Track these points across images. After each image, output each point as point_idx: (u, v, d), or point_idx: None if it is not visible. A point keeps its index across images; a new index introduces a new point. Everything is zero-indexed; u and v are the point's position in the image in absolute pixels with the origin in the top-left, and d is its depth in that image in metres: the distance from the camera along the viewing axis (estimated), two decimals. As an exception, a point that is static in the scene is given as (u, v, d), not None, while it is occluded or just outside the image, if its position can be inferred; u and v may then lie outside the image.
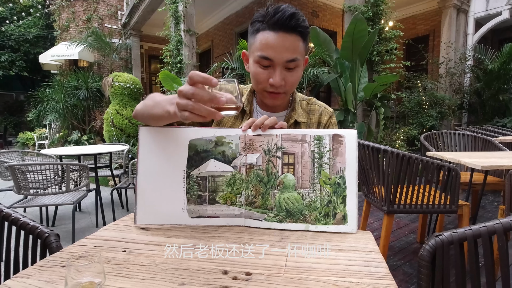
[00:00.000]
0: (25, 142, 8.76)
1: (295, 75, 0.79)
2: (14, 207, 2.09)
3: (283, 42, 0.74)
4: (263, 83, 0.79)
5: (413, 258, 1.99)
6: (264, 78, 0.78)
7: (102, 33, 8.05)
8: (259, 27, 0.76)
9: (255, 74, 0.80)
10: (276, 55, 0.75)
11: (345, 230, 0.67)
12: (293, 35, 0.74)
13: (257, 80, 0.80)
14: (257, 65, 0.78)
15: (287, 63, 0.76)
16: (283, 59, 0.75)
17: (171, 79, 4.33)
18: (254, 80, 0.82)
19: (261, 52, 0.75)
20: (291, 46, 0.74)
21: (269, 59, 0.75)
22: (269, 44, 0.74)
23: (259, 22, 0.76)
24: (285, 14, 0.72)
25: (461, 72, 5.93)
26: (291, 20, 0.72)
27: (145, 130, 0.73)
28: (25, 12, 14.25)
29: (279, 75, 0.76)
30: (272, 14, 0.73)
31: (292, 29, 0.73)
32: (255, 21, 0.77)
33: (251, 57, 0.80)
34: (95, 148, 3.43)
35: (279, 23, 0.72)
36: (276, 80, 0.76)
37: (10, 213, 0.77)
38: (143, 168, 0.73)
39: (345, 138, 0.70)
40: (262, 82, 0.79)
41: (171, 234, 0.66)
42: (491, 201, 3.28)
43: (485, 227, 0.63)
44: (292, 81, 0.79)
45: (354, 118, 3.94)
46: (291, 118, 0.88)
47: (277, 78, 0.76)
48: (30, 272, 0.49)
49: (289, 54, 0.75)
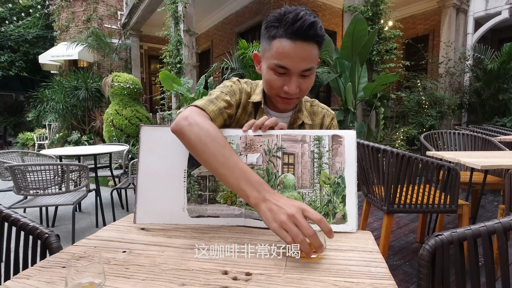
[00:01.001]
0: (25, 142, 8.76)
1: (309, 81, 0.79)
2: (14, 207, 2.09)
3: (300, 52, 0.72)
4: (277, 89, 0.78)
5: (413, 257, 1.99)
6: (279, 85, 0.77)
7: (101, 33, 8.04)
8: (276, 33, 0.73)
9: (269, 80, 0.79)
10: (293, 65, 0.73)
11: (344, 230, 0.67)
12: (310, 44, 0.72)
13: (271, 86, 0.79)
14: (272, 72, 0.77)
15: (302, 72, 0.75)
16: (300, 68, 0.74)
17: (170, 79, 4.33)
18: (268, 86, 0.81)
19: (278, 60, 0.74)
20: (308, 56, 0.73)
21: (285, 68, 0.74)
22: (286, 54, 0.72)
23: (275, 28, 0.73)
24: (305, 24, 0.69)
25: (460, 71, 5.93)
26: (310, 30, 0.70)
27: (146, 129, 0.74)
28: (24, 13, 14.24)
29: (295, 84, 0.76)
30: (291, 22, 0.70)
31: (311, 39, 0.71)
32: (270, 26, 0.74)
33: (265, 63, 0.79)
34: (95, 148, 3.43)
35: (298, 32, 0.70)
36: (291, 88, 0.76)
37: (10, 214, 0.77)
38: (144, 167, 0.73)
39: (344, 139, 0.71)
40: (276, 89, 0.78)
41: (171, 235, 0.66)
42: (491, 201, 3.28)
43: (484, 227, 0.63)
44: (306, 88, 0.79)
45: (354, 118, 3.95)
46: (298, 119, 0.88)
47: (292, 87, 0.76)
48: (30, 273, 0.49)
49: (305, 64, 0.74)
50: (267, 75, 0.79)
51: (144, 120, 5.76)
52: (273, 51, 0.74)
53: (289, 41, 0.71)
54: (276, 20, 0.73)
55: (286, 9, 0.73)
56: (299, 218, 0.52)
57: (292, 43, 0.71)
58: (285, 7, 0.74)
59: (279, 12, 0.74)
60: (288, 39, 0.71)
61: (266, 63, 0.78)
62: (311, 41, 0.72)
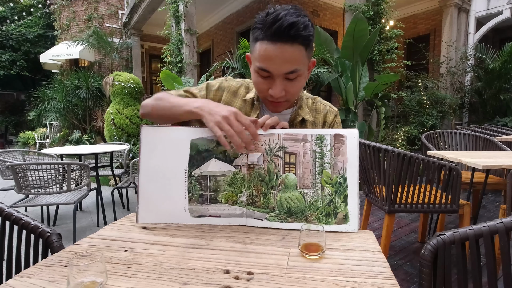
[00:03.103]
0: (26, 141, 8.77)
1: (296, 85, 0.75)
2: (15, 206, 2.09)
3: (281, 54, 0.68)
4: (263, 92, 0.77)
5: (414, 257, 1.99)
6: (264, 88, 0.76)
7: (102, 33, 8.04)
8: (258, 35, 0.70)
9: (255, 83, 0.78)
10: (274, 68, 0.71)
11: (346, 230, 0.67)
12: (294, 45, 0.68)
13: (257, 89, 0.79)
14: (257, 75, 0.75)
15: (287, 75, 0.72)
16: (282, 71, 0.71)
17: (171, 78, 4.33)
18: (256, 89, 0.80)
19: (260, 63, 0.72)
20: (291, 58, 0.69)
21: (267, 71, 0.72)
22: (267, 56, 0.69)
23: (258, 30, 0.70)
24: (284, 24, 0.65)
25: (462, 71, 5.92)
26: (291, 30, 0.66)
27: (147, 129, 0.73)
28: (25, 12, 14.25)
29: (279, 87, 0.73)
30: (270, 23, 0.67)
31: (293, 39, 0.67)
32: (254, 28, 0.72)
33: (252, 65, 0.77)
34: (96, 147, 3.43)
35: (278, 34, 0.66)
36: (275, 92, 0.74)
37: (12, 213, 0.77)
38: (145, 168, 0.73)
39: (347, 138, 0.70)
40: (262, 92, 0.77)
41: (173, 234, 0.66)
42: (492, 201, 3.27)
43: (487, 227, 0.63)
44: (293, 91, 0.76)
45: (355, 118, 3.94)
46: (298, 116, 0.87)
47: (276, 90, 0.73)
48: (32, 272, 0.50)
49: (288, 66, 0.70)
50: (253, 78, 0.78)
51: (145, 119, 5.76)
52: (256, 53, 0.72)
53: (269, 43, 0.68)
54: (260, 22, 0.70)
55: (271, 9, 0.70)
56: (231, 119, 0.64)
57: (273, 45, 0.68)
58: (271, 7, 0.71)
59: (265, 11, 0.71)
60: (269, 41, 0.68)
61: (253, 66, 0.76)
62: (294, 42, 0.68)
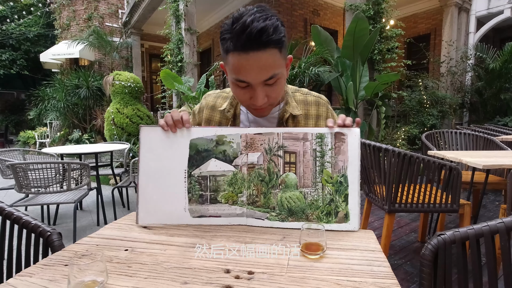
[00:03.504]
0: (26, 141, 8.78)
1: (277, 88, 0.73)
2: (15, 205, 2.09)
3: (256, 63, 0.65)
4: (245, 101, 0.75)
5: (414, 257, 1.99)
6: (246, 98, 0.73)
7: (103, 32, 8.03)
8: (228, 47, 0.66)
9: (235, 94, 0.75)
10: (252, 78, 0.68)
11: (347, 229, 0.67)
12: (267, 51, 0.65)
13: (238, 100, 0.77)
14: (235, 86, 0.72)
15: (266, 81, 0.70)
16: (260, 79, 0.68)
17: (172, 78, 4.32)
18: (237, 99, 0.79)
19: (236, 75, 0.69)
20: (266, 65, 0.66)
21: (245, 82, 0.69)
22: (242, 67, 0.67)
23: (227, 40, 0.66)
24: (253, 32, 0.62)
25: (462, 71, 5.91)
26: (261, 36, 0.63)
27: (146, 129, 0.73)
28: (25, 11, 14.23)
29: (260, 95, 0.70)
30: (239, 33, 0.63)
31: (265, 45, 0.64)
32: (223, 38, 0.68)
33: (228, 76, 0.74)
34: (96, 147, 3.43)
35: (249, 43, 0.63)
36: (258, 101, 0.71)
37: (12, 212, 0.77)
38: (144, 168, 0.73)
39: (348, 137, 0.70)
40: (244, 101, 0.75)
41: (173, 233, 0.66)
42: (492, 200, 3.27)
43: (487, 227, 0.63)
44: (275, 95, 0.74)
45: (355, 117, 3.93)
46: (286, 113, 0.84)
47: (258, 99, 0.71)
48: (33, 271, 0.50)
49: (265, 74, 0.68)
50: (232, 89, 0.75)
51: (145, 118, 5.76)
52: (230, 66, 0.69)
53: (241, 54, 0.65)
54: (227, 31, 0.66)
55: (236, 14, 0.66)
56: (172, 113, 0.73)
57: (245, 55, 0.65)
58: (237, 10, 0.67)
59: (231, 18, 0.67)
60: (240, 51, 0.65)
61: (229, 78, 0.73)
62: (266, 48, 0.64)
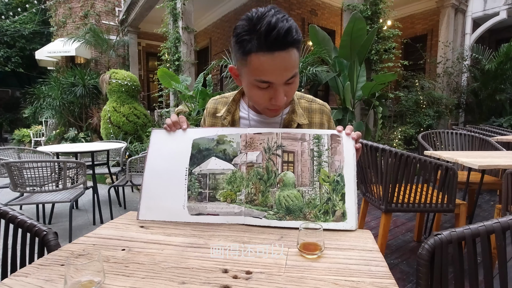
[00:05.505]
0: (21, 139, 8.68)
1: (294, 87, 0.74)
2: (10, 204, 2.07)
3: (281, 63, 0.66)
4: (264, 103, 0.74)
5: (410, 256, 2.01)
6: (265, 99, 0.73)
7: (99, 30, 7.97)
8: (251, 48, 0.65)
9: (253, 96, 0.75)
10: (276, 78, 0.68)
11: (344, 227, 0.67)
12: (290, 51, 0.66)
13: (256, 101, 0.76)
14: (255, 88, 0.72)
15: (287, 81, 0.71)
16: (284, 79, 0.69)
17: (169, 76, 4.31)
18: (254, 101, 0.78)
19: (259, 77, 0.68)
20: (289, 64, 0.67)
21: (268, 82, 0.69)
22: (267, 69, 0.66)
23: (248, 42, 0.65)
24: (281, 32, 0.62)
25: (458, 71, 5.96)
26: (288, 36, 0.64)
27: (157, 132, 0.78)
28: (21, 8, 14.07)
29: (281, 95, 0.71)
30: (265, 33, 0.63)
31: (289, 46, 0.65)
32: (242, 39, 0.66)
33: (245, 78, 0.73)
34: (92, 145, 3.40)
35: (276, 43, 0.63)
36: (279, 100, 0.71)
37: (7, 211, 0.76)
38: (150, 167, 0.75)
39: (343, 138, 0.73)
40: (263, 103, 0.75)
41: (170, 233, 0.65)
42: (487, 200, 3.30)
43: (483, 226, 0.64)
44: (292, 93, 0.76)
45: (352, 117, 3.95)
46: (293, 122, 0.84)
47: (280, 98, 0.71)
48: (29, 271, 0.49)
49: (289, 73, 0.69)
50: (250, 91, 0.74)
51: (142, 117, 5.72)
52: (252, 67, 0.68)
53: (267, 54, 0.65)
54: (247, 32, 0.65)
55: (255, 15, 0.65)
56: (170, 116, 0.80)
57: (271, 55, 0.65)
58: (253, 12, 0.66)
59: (248, 19, 0.66)
60: (266, 52, 0.64)
61: (246, 79, 0.72)
62: (290, 48, 0.65)
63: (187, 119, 0.84)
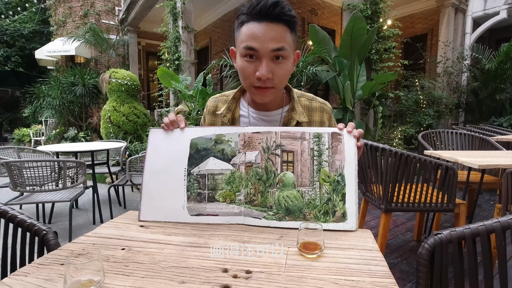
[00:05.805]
0: (21, 138, 8.68)
1: (283, 67, 0.75)
2: (10, 204, 2.07)
3: (268, 32, 0.71)
4: (250, 77, 0.75)
5: (409, 256, 2.01)
6: (251, 71, 0.74)
7: (99, 29, 7.95)
8: (244, 19, 0.74)
9: (241, 68, 0.77)
10: (261, 45, 0.71)
11: (344, 228, 0.67)
12: (279, 25, 0.71)
13: (244, 74, 0.77)
14: (243, 59, 0.75)
15: (273, 53, 0.72)
16: (269, 48, 0.71)
17: (169, 76, 4.30)
18: (241, 76, 0.79)
19: (246, 43, 0.72)
20: (277, 35, 0.71)
21: (254, 49, 0.72)
22: (254, 34, 0.71)
23: (244, 15, 0.74)
24: (268, 2, 0.70)
25: (458, 71, 5.95)
26: (275, 9, 0.70)
27: (153, 131, 0.77)
28: (20, 7, 14.05)
29: (266, 67, 0.72)
30: (255, 4, 0.71)
31: (277, 18, 0.71)
32: (240, 15, 0.76)
33: (238, 52, 0.78)
34: (92, 145, 3.40)
35: (263, 12, 0.70)
36: (262, 72, 0.72)
37: (7, 210, 0.76)
38: (149, 167, 0.75)
39: (344, 136, 0.71)
40: (249, 77, 0.76)
41: (170, 232, 0.65)
42: (487, 200, 3.30)
43: (483, 226, 0.63)
44: (281, 74, 0.75)
45: (352, 117, 3.95)
46: (292, 120, 0.84)
47: (263, 69, 0.72)
48: (28, 270, 0.49)
49: (274, 43, 0.71)
50: (239, 63, 0.77)
51: (142, 117, 5.72)
52: (242, 36, 0.74)
53: (255, 23, 0.71)
54: (245, 9, 0.74)
55: None
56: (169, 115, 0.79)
57: (258, 24, 0.71)
58: None
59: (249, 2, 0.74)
60: (254, 21, 0.72)
61: (238, 52, 0.77)
62: (279, 21, 0.71)
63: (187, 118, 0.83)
